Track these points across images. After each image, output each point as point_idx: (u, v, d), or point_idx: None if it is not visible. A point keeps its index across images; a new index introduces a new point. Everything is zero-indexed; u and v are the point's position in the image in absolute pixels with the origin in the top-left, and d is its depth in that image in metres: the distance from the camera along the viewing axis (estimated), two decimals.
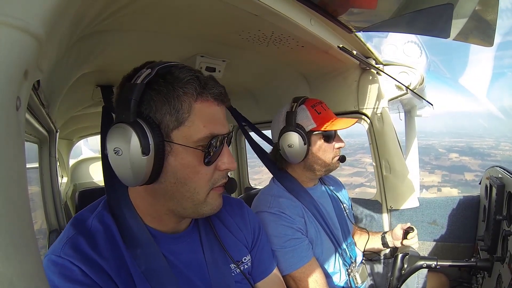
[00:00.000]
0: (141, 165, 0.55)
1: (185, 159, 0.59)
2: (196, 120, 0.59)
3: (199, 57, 1.19)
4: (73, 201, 3.09)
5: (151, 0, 0.72)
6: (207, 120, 0.60)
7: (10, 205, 0.25)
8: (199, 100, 0.59)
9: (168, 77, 0.58)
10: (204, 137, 0.59)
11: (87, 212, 0.66)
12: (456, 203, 1.55)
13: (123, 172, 0.57)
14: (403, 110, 2.18)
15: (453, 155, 33.64)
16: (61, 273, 0.54)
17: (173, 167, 0.59)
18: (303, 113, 1.13)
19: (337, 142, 1.16)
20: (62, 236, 0.60)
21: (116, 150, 0.56)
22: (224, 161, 0.64)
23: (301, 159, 1.13)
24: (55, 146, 1.64)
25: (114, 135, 0.56)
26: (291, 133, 1.10)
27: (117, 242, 0.63)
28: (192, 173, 0.60)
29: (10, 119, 0.26)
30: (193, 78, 0.59)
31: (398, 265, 1.03)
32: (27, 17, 0.28)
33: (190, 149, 0.59)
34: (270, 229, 1.05)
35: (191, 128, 0.58)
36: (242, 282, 0.77)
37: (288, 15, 0.85)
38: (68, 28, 0.51)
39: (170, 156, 0.58)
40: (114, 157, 0.57)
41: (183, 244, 0.71)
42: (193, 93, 0.58)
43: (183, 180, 0.60)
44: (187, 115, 0.58)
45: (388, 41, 1.49)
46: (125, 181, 0.58)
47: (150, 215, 0.67)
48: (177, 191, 0.61)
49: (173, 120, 0.57)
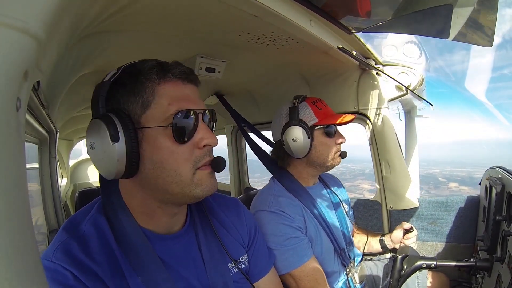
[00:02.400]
0: (112, 152, 0.56)
1: (157, 141, 0.59)
2: (160, 101, 0.59)
3: (199, 58, 1.19)
4: (73, 202, 3.09)
5: (151, 1, 0.72)
6: (173, 99, 0.60)
7: (10, 205, 0.25)
8: (162, 82, 0.60)
9: (132, 70, 0.61)
10: (170, 115, 0.59)
11: (80, 215, 0.66)
12: (456, 204, 1.55)
13: (99, 163, 0.59)
14: (403, 111, 2.18)
15: (452, 184, 33.70)
16: (53, 278, 0.54)
17: (149, 152, 0.59)
18: (305, 109, 1.15)
19: (338, 138, 1.18)
20: (55, 241, 0.60)
21: (91, 145, 0.59)
22: (201, 137, 0.62)
23: (305, 153, 1.14)
24: (55, 146, 1.64)
25: (88, 131, 0.60)
26: (295, 127, 1.12)
27: (111, 246, 0.62)
28: (167, 154, 0.59)
29: (10, 120, 0.26)
30: (155, 65, 0.61)
31: (398, 267, 1.02)
32: (27, 18, 0.28)
33: (160, 129, 0.59)
34: (270, 228, 1.05)
35: (157, 109, 0.59)
36: (240, 282, 0.77)
37: (288, 16, 0.85)
38: (68, 28, 0.51)
39: (144, 142, 0.59)
40: (91, 152, 0.59)
41: (179, 244, 0.70)
42: (154, 77, 0.60)
43: (160, 164, 0.59)
44: (151, 98, 0.59)
45: (387, 41, 1.50)
46: (104, 173, 0.60)
47: (143, 213, 0.66)
48: (159, 177, 0.60)
49: (139, 106, 0.59)
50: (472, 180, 45.86)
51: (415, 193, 1.62)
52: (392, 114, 1.58)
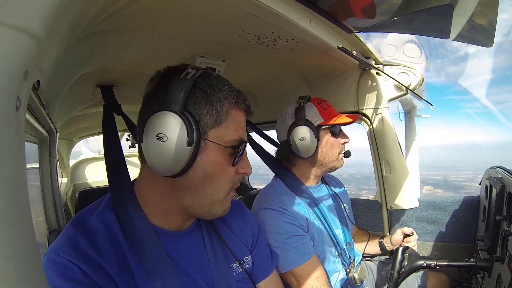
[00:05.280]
0: (183, 154, 0.58)
1: (216, 157, 0.63)
2: (230, 124, 0.64)
3: (199, 58, 1.19)
4: (73, 202, 3.09)
5: (151, 1, 0.72)
6: (238, 126, 0.66)
7: (10, 205, 0.25)
8: (235, 108, 0.66)
9: (209, 80, 0.64)
10: (234, 140, 0.65)
11: (88, 211, 0.66)
12: (456, 203, 1.55)
13: (163, 159, 0.58)
14: (403, 111, 2.18)
15: (427, 188, 34.17)
16: (60, 272, 0.54)
17: (205, 162, 0.62)
18: (311, 109, 1.17)
19: (342, 138, 1.20)
20: (62, 235, 0.60)
21: (160, 136, 0.57)
22: (243, 165, 0.69)
23: (311, 153, 1.15)
24: (55, 146, 1.64)
25: (160, 121, 0.58)
26: (302, 127, 1.13)
27: (119, 241, 0.62)
28: (220, 171, 0.64)
29: (10, 119, 0.26)
30: (231, 87, 0.66)
31: (399, 258, 1.05)
32: (27, 17, 0.28)
33: (222, 148, 0.63)
34: (272, 225, 1.06)
35: (226, 130, 0.64)
36: (243, 282, 0.78)
37: (288, 15, 0.85)
38: (68, 28, 0.51)
39: (203, 152, 0.62)
40: (155, 143, 0.58)
41: (187, 242, 0.71)
42: (231, 100, 0.64)
43: (211, 176, 0.63)
44: (224, 118, 0.63)
45: (388, 41, 1.50)
46: (160, 168, 0.59)
47: (159, 211, 0.67)
48: (202, 186, 0.63)
49: (213, 120, 0.62)
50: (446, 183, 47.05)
51: (415, 193, 1.62)
52: (392, 114, 1.58)
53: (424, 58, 1.53)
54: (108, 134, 0.91)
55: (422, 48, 1.51)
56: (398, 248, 1.06)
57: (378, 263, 1.43)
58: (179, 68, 0.64)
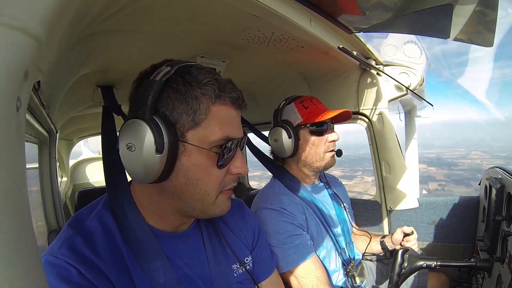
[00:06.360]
0: (154, 163, 0.55)
1: (198, 160, 0.59)
2: (212, 122, 0.59)
3: (199, 58, 1.18)
4: (72, 202, 3.09)
5: (151, 0, 0.72)
6: (223, 123, 0.60)
7: (10, 205, 0.25)
8: (217, 103, 0.59)
9: (187, 76, 0.58)
10: (219, 139, 0.59)
11: (85, 212, 0.66)
12: (456, 204, 1.55)
13: (134, 168, 0.56)
14: (403, 111, 2.19)
15: (421, 166, 34.64)
16: (58, 274, 0.53)
17: (186, 167, 0.58)
18: (289, 109, 1.17)
19: (329, 135, 1.16)
20: (60, 237, 0.60)
21: (129, 146, 0.55)
22: (237, 165, 0.64)
23: (289, 153, 1.16)
24: (55, 146, 1.64)
25: (128, 130, 0.56)
26: (275, 128, 1.16)
27: (116, 242, 0.62)
28: (204, 175, 0.60)
29: (10, 120, 0.26)
30: (212, 80, 0.59)
31: (399, 261, 1.04)
32: (27, 18, 0.28)
33: (204, 150, 0.59)
34: (271, 225, 1.05)
35: (207, 130, 0.58)
36: (244, 283, 0.77)
37: (288, 16, 0.85)
38: (68, 28, 0.51)
39: (183, 156, 0.58)
40: (126, 152, 0.56)
41: (185, 243, 0.71)
42: (211, 95, 0.58)
43: (194, 181, 0.59)
44: (203, 116, 0.58)
45: (388, 41, 1.50)
46: (135, 177, 0.58)
47: (155, 213, 0.66)
48: (187, 192, 0.60)
49: (189, 120, 0.57)
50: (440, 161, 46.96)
51: (415, 193, 1.62)
52: (392, 114, 1.58)
53: (424, 58, 1.53)
54: (107, 134, 0.91)
55: (422, 48, 1.52)
56: (398, 251, 1.05)
57: (378, 263, 1.43)
58: (156, 67, 0.60)
